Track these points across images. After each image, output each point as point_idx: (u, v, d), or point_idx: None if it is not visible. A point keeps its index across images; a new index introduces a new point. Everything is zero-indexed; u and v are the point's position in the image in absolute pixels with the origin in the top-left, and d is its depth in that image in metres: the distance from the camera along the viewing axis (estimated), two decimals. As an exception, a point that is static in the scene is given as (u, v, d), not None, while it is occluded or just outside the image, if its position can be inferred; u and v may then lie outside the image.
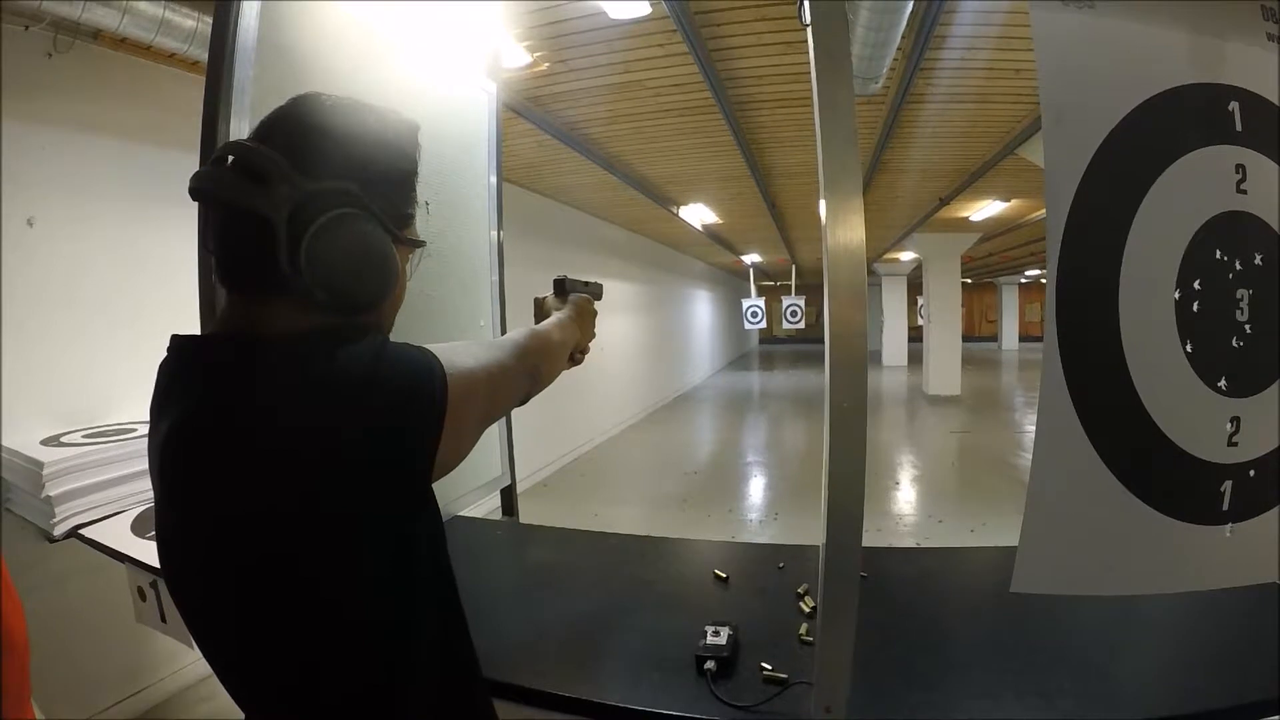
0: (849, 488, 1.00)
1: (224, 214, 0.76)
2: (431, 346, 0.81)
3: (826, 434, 1.02)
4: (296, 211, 0.72)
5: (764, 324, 13.60)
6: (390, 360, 0.76)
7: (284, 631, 0.74)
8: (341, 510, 0.71)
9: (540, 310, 1.37)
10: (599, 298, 1.46)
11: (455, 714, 0.89)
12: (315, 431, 0.70)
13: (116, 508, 2.23)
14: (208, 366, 0.77)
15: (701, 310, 17.64)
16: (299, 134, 0.77)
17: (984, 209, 8.47)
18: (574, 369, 1.35)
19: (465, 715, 0.92)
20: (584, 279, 1.42)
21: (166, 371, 0.80)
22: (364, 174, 0.78)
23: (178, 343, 0.80)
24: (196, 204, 0.78)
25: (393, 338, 0.81)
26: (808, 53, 1.03)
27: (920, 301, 13.88)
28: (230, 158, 0.74)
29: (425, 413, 0.75)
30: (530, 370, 1.00)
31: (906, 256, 14.67)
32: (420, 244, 0.89)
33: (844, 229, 0.98)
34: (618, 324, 10.17)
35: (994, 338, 24.97)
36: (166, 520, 0.80)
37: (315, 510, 0.70)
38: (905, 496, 6.65)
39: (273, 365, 0.73)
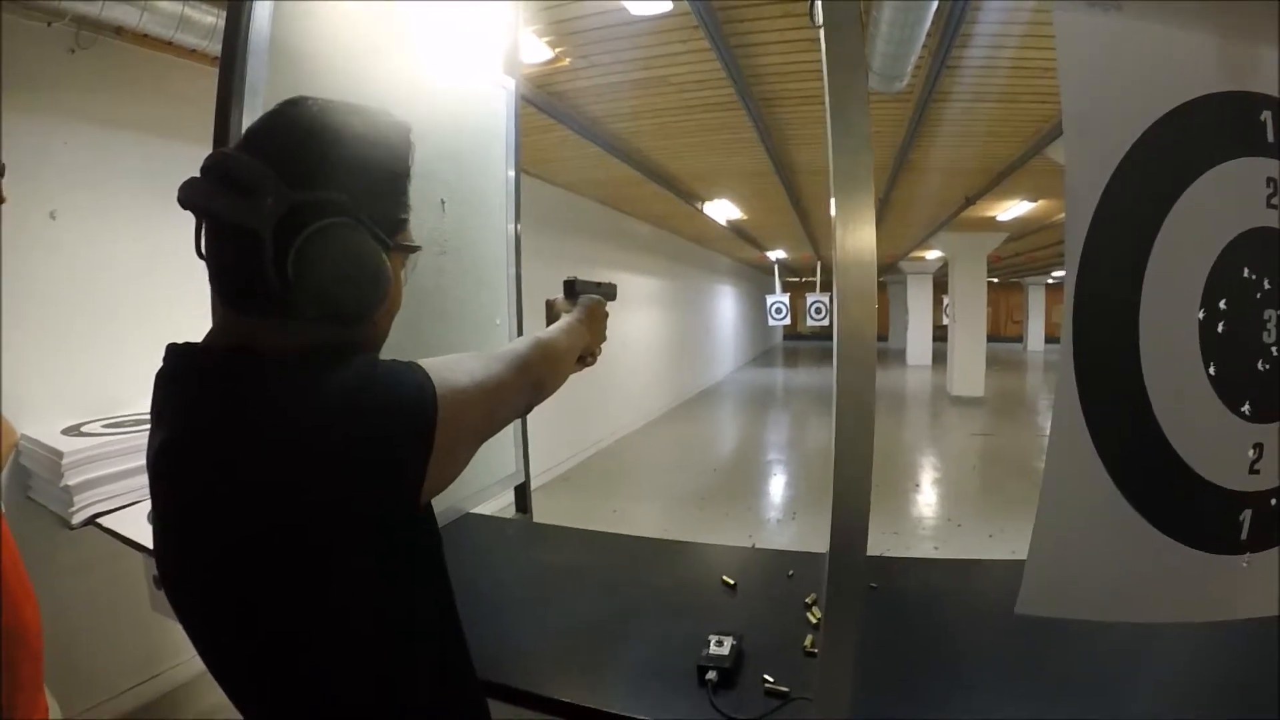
0: (854, 498, 0.97)
1: (212, 225, 0.75)
2: (426, 362, 0.80)
3: (834, 445, 1.00)
4: (282, 224, 0.71)
5: (788, 320, 13.51)
6: (380, 382, 0.75)
7: (277, 642, 0.75)
8: (329, 534, 0.71)
9: (551, 312, 1.36)
10: (612, 298, 1.44)
11: (451, 716, 0.90)
12: (302, 456, 0.70)
13: (134, 497, 2.25)
14: (198, 383, 0.77)
15: (725, 306, 17.57)
16: (285, 142, 0.76)
17: (1011, 209, 8.35)
18: (590, 368, 1.34)
19: (460, 717, 0.92)
20: (596, 279, 1.41)
21: (161, 381, 0.80)
22: (353, 181, 0.77)
23: (172, 352, 0.80)
24: None
25: (408, 337, 0.80)
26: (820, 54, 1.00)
27: (946, 300, 13.74)
28: (217, 168, 0.73)
29: (413, 435, 0.74)
30: (532, 382, 0.99)
31: (932, 255, 14.53)
32: (415, 249, 0.88)
33: (854, 237, 0.95)
34: (641, 319, 10.15)
35: (1019, 339, 24.65)
36: (158, 533, 0.80)
37: (303, 535, 0.70)
38: (925, 499, 6.59)
39: (261, 386, 0.73)
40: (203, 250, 0.77)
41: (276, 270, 0.71)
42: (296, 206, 0.72)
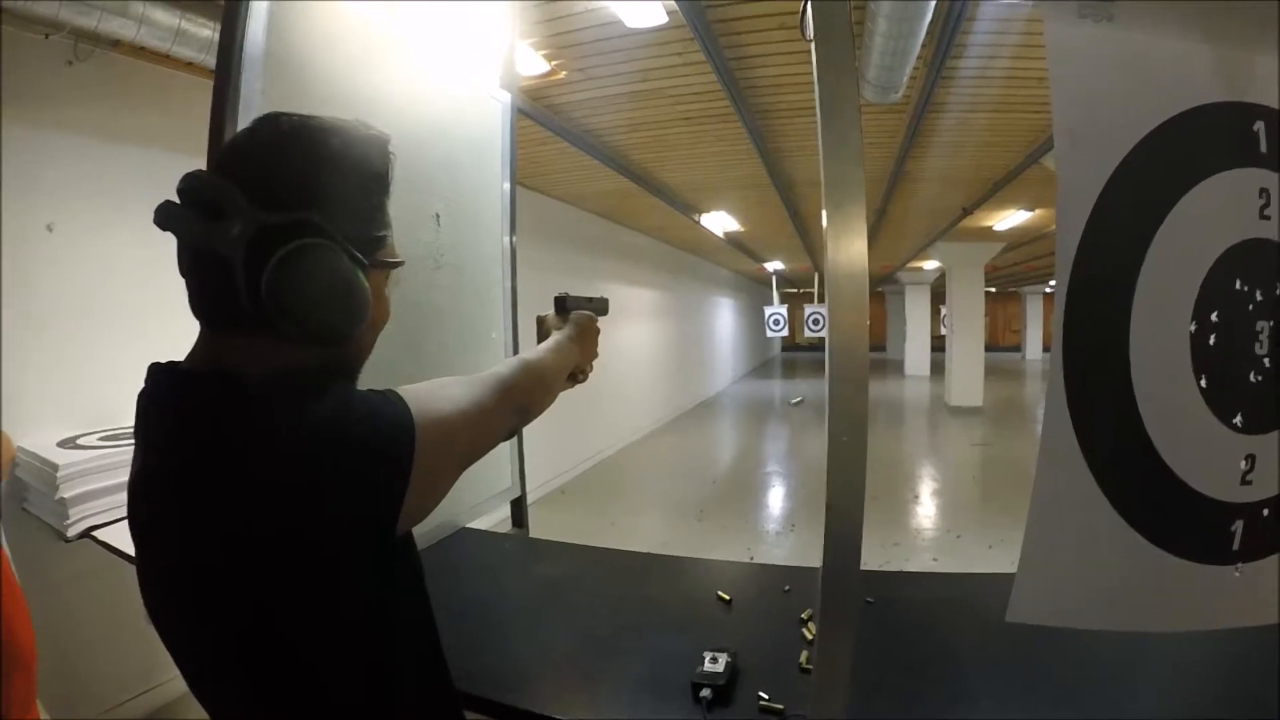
0: (847, 512, 0.97)
1: (186, 248, 0.75)
2: (407, 390, 0.79)
3: (826, 457, 0.99)
4: (253, 247, 0.70)
5: (786, 332, 13.50)
6: (356, 414, 0.74)
7: (253, 669, 0.73)
8: (300, 567, 0.69)
9: (541, 329, 1.34)
10: (604, 313, 1.42)
11: None
12: (276, 489, 0.69)
13: (129, 511, 2.24)
14: (174, 406, 0.76)
15: (723, 317, 17.58)
16: (256, 162, 0.75)
17: (1008, 218, 8.36)
18: (583, 383, 1.33)
19: None
20: (587, 295, 1.40)
21: (143, 402, 0.79)
22: (326, 200, 0.75)
23: (153, 371, 0.79)
24: None
25: (404, 351, 0.79)
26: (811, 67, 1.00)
27: (943, 310, 13.74)
28: (189, 191, 0.73)
29: (389, 471, 0.73)
30: (518, 406, 0.98)
31: (930, 265, 14.54)
32: (398, 264, 0.86)
33: (846, 248, 0.95)
34: (639, 331, 10.16)
35: (1018, 348, 24.67)
36: (139, 557, 0.79)
37: (273, 566, 0.69)
38: (924, 510, 6.57)
39: (234, 412, 0.71)
40: (181, 271, 0.76)
41: (248, 294, 0.70)
42: (266, 229, 0.71)
